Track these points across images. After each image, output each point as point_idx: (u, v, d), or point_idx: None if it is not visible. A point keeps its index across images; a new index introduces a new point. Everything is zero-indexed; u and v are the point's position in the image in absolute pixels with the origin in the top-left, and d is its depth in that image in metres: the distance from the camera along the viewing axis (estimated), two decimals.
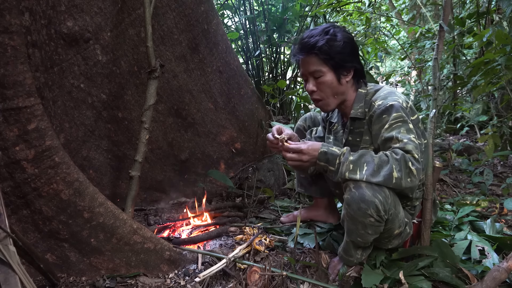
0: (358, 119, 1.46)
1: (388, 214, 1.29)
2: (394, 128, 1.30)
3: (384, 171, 1.23)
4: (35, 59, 1.60)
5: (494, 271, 1.23)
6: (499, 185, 2.50)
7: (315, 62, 1.39)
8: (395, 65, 8.99)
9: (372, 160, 1.26)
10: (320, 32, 1.38)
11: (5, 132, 1.32)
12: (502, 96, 3.00)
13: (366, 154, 1.28)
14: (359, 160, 1.27)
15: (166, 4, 2.09)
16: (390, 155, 1.25)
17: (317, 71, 1.40)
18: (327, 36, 1.36)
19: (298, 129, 1.93)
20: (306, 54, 1.40)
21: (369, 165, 1.25)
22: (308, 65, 1.41)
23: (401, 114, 1.31)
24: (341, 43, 1.37)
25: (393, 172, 1.22)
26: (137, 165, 1.78)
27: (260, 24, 3.49)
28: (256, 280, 1.42)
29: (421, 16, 5.19)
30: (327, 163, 1.32)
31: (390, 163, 1.23)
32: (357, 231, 1.34)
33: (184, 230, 1.99)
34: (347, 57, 1.39)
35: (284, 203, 2.31)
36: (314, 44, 1.37)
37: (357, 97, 1.47)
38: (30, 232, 1.46)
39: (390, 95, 1.37)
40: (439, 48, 1.51)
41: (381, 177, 1.23)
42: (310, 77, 1.43)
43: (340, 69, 1.40)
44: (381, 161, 1.25)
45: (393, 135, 1.29)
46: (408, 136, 1.27)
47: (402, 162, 1.22)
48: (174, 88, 2.24)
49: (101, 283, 1.46)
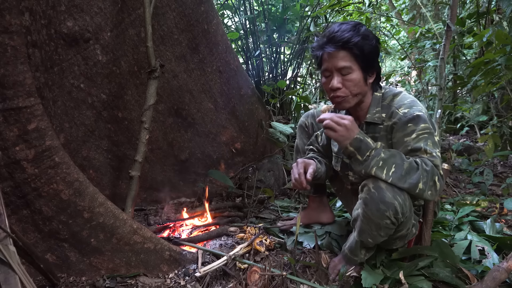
0: (373, 123, 1.44)
1: (404, 217, 1.29)
2: (421, 139, 1.29)
3: (411, 178, 1.22)
4: (35, 59, 1.60)
5: (494, 271, 1.23)
6: (499, 185, 2.50)
7: (347, 57, 1.32)
8: (395, 65, 8.99)
9: (402, 163, 1.24)
10: (352, 28, 1.32)
11: (5, 132, 1.32)
12: (502, 96, 3.00)
13: (397, 156, 1.26)
14: (389, 160, 1.25)
15: (166, 4, 2.09)
16: (420, 164, 1.24)
17: (347, 67, 1.33)
18: (360, 33, 1.31)
19: (300, 126, 1.92)
20: (338, 48, 1.32)
21: (398, 168, 1.24)
22: (338, 61, 1.33)
23: (428, 126, 1.30)
24: (373, 43, 1.33)
25: (420, 182, 1.22)
26: (137, 165, 1.78)
27: (260, 24, 3.49)
28: (256, 280, 1.42)
29: (421, 16, 5.20)
30: (357, 150, 1.28)
31: (419, 172, 1.22)
32: (370, 232, 1.33)
33: (184, 230, 1.99)
34: (375, 58, 1.37)
35: (284, 203, 2.31)
36: (348, 39, 1.30)
37: (373, 101, 1.44)
38: (30, 232, 1.46)
39: (415, 104, 1.36)
40: (446, 48, 1.50)
41: (407, 184, 1.23)
42: (336, 73, 1.36)
43: (368, 69, 1.36)
44: (410, 167, 1.23)
45: (421, 146, 1.28)
46: (435, 150, 1.28)
47: (430, 174, 1.22)
48: (174, 88, 2.24)
49: (101, 283, 1.46)
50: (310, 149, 1.78)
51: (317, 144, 1.76)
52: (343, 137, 1.29)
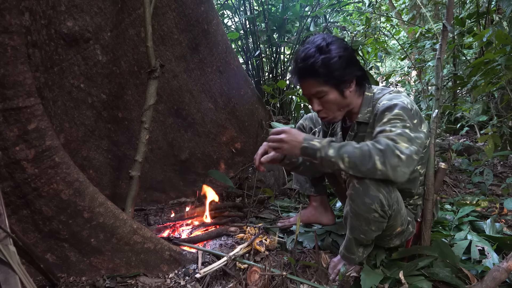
0: (363, 123, 1.45)
1: (391, 209, 1.29)
2: (391, 123, 1.28)
3: (367, 162, 1.20)
4: (35, 59, 1.60)
5: (494, 271, 1.23)
6: (499, 185, 2.50)
7: (315, 84, 1.36)
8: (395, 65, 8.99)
9: (353, 151, 1.23)
10: (314, 52, 1.33)
11: (5, 132, 1.32)
12: (502, 96, 3.00)
13: (347, 145, 1.25)
14: (340, 151, 1.24)
15: (166, 4, 2.09)
16: (371, 145, 1.21)
17: (319, 92, 1.37)
18: (322, 56, 1.32)
19: (299, 128, 1.93)
20: (303, 79, 1.38)
21: (350, 156, 1.22)
22: (309, 88, 1.39)
23: (401, 113, 1.29)
24: (337, 59, 1.32)
25: (376, 163, 1.19)
26: (137, 165, 1.78)
27: (260, 24, 3.49)
28: (256, 280, 1.42)
29: (421, 16, 5.20)
30: (310, 156, 1.31)
31: (373, 154, 1.19)
32: (360, 228, 1.34)
33: (184, 230, 1.99)
34: (346, 71, 1.35)
35: (284, 203, 2.31)
36: (310, 68, 1.33)
37: (364, 101, 1.44)
38: (30, 232, 1.46)
39: (396, 97, 1.36)
40: (442, 48, 1.50)
41: (364, 169, 1.21)
42: (313, 97, 1.41)
43: (342, 84, 1.37)
44: (362, 152, 1.21)
45: (385, 128, 1.27)
46: (401, 130, 1.24)
47: (388, 152, 1.18)
48: (174, 88, 2.24)
49: (101, 283, 1.46)
50: None
51: None
52: (289, 150, 1.34)
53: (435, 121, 1.49)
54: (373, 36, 4.33)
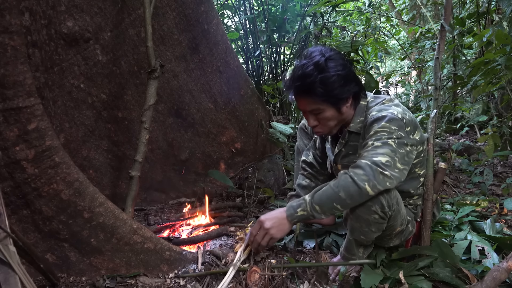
0: (355, 133, 1.44)
1: (391, 210, 1.30)
2: (377, 136, 1.27)
3: (355, 193, 1.20)
4: (35, 59, 1.60)
5: (494, 271, 1.23)
6: (499, 185, 2.50)
7: (312, 102, 1.34)
8: (395, 65, 8.99)
9: (335, 191, 1.23)
10: (312, 70, 1.29)
11: (5, 132, 1.32)
12: (502, 96, 3.00)
13: (326, 190, 1.25)
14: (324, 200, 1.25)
15: (166, 4, 2.09)
16: (351, 173, 1.21)
17: (315, 109, 1.36)
18: (320, 75, 1.28)
19: (300, 128, 1.93)
20: (300, 97, 1.36)
21: (341, 201, 1.23)
22: (305, 105, 1.37)
23: (388, 125, 1.27)
24: (335, 78, 1.29)
25: (366, 187, 1.19)
26: (137, 165, 1.78)
27: (260, 24, 3.49)
28: (256, 280, 1.42)
29: (421, 16, 5.20)
30: (302, 220, 1.33)
31: (360, 185, 1.19)
32: (360, 229, 1.34)
33: (184, 230, 1.99)
34: (344, 89, 1.32)
35: (284, 203, 2.31)
36: (308, 88, 1.30)
37: (357, 111, 1.43)
38: (30, 232, 1.46)
39: (386, 108, 1.34)
40: (440, 48, 1.51)
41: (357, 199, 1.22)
42: (309, 113, 1.39)
43: (339, 102, 1.35)
44: (344, 186, 1.21)
45: (368, 141, 1.27)
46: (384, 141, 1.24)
47: (370, 172, 1.19)
48: (174, 88, 2.24)
49: (101, 283, 1.46)
50: (303, 168, 1.83)
51: (316, 150, 1.80)
52: (281, 232, 1.33)
53: (433, 121, 1.49)
54: (373, 36, 4.33)
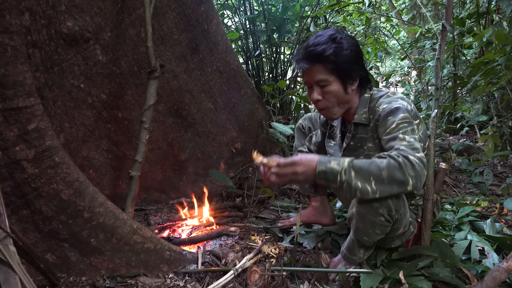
0: (361, 124, 1.44)
1: (398, 213, 1.29)
2: (400, 128, 1.26)
3: (398, 179, 1.14)
4: (35, 59, 1.60)
5: (494, 271, 1.23)
6: (499, 185, 2.50)
7: (322, 71, 1.34)
8: (395, 65, 9.00)
9: (379, 172, 1.14)
10: (326, 39, 1.33)
11: (5, 132, 1.32)
12: (502, 96, 3.00)
13: (372, 164, 1.16)
14: (364, 173, 1.15)
15: (166, 4, 2.09)
16: (402, 161, 1.14)
17: (323, 80, 1.35)
18: (334, 45, 1.31)
19: (298, 128, 1.93)
20: (312, 63, 1.35)
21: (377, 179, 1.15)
22: (314, 74, 1.36)
23: (406, 116, 1.28)
24: (348, 52, 1.32)
25: (409, 181, 1.13)
26: (137, 165, 1.78)
27: (260, 24, 3.49)
28: (256, 280, 1.42)
29: (421, 16, 5.20)
30: (328, 181, 1.19)
31: (404, 172, 1.13)
32: (365, 230, 1.33)
33: (184, 230, 1.99)
34: (354, 66, 1.35)
35: (284, 203, 2.31)
36: (321, 53, 1.31)
37: (360, 102, 1.44)
38: (30, 232, 1.46)
39: (394, 100, 1.35)
40: (441, 48, 1.50)
41: (395, 189, 1.16)
42: (315, 86, 1.38)
43: (347, 78, 1.36)
44: (390, 169, 1.13)
45: (398, 135, 1.24)
46: (413, 136, 1.23)
47: (418, 170, 1.14)
48: (174, 88, 2.24)
49: (101, 283, 1.46)
50: (299, 151, 1.85)
51: (311, 144, 1.81)
52: (303, 168, 1.19)
53: (434, 121, 1.49)
54: (373, 36, 4.33)
